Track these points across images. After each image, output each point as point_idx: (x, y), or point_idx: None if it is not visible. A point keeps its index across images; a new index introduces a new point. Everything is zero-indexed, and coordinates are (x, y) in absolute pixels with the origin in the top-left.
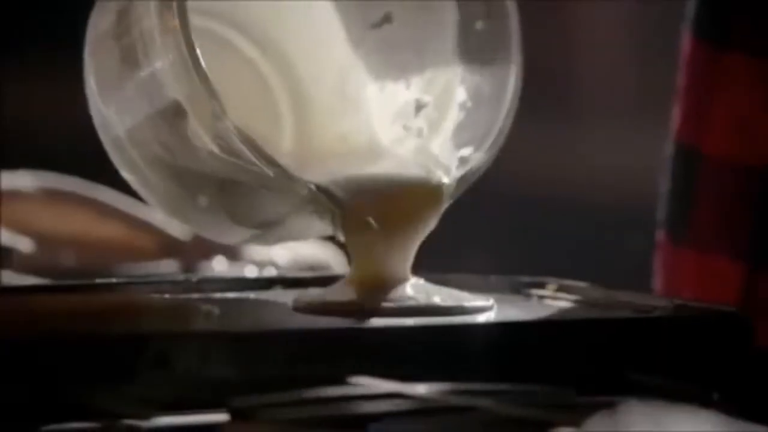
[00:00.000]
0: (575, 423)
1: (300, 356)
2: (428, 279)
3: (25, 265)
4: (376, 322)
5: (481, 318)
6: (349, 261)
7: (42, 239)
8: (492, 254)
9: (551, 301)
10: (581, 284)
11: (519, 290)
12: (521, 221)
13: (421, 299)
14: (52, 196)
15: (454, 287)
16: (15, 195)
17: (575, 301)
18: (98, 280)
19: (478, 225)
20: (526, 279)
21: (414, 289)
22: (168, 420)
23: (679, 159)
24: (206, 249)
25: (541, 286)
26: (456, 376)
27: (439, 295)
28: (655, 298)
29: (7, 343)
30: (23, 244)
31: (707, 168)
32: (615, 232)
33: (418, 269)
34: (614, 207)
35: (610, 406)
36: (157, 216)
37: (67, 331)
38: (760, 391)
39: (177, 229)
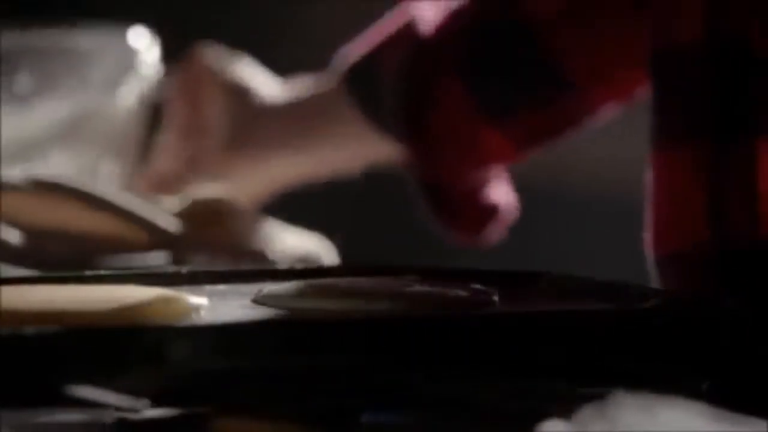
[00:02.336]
0: (566, 414)
1: (288, 348)
2: (418, 272)
3: (13, 256)
4: (368, 314)
5: (478, 310)
6: None
7: (30, 231)
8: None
9: (542, 293)
10: (573, 276)
11: (512, 282)
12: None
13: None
14: (41, 187)
15: (443, 279)
16: (3, 187)
17: (567, 293)
18: (87, 272)
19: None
20: (521, 270)
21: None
22: (156, 412)
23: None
24: (197, 241)
25: (534, 277)
26: (449, 368)
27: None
28: (645, 288)
29: (7, 336)
30: (11, 236)
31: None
32: (604, 224)
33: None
34: (605, 198)
35: (600, 397)
36: (147, 208)
37: (57, 323)
38: (751, 381)
39: (167, 221)
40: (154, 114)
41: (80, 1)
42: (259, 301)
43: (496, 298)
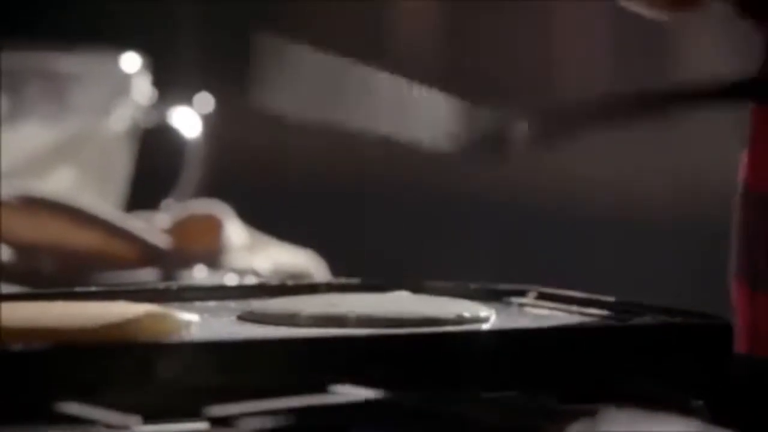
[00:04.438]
0: (556, 431)
1: (279, 365)
2: (407, 287)
3: (3, 273)
4: (360, 331)
5: (465, 327)
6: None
7: (20, 247)
8: (482, 263)
9: (532, 309)
10: (562, 292)
11: (499, 298)
12: (514, 231)
13: (405, 309)
14: (30, 203)
15: (433, 295)
16: None
17: (556, 309)
18: (77, 289)
19: (475, 235)
20: (506, 286)
21: (397, 299)
22: (147, 428)
23: (750, 205)
24: (186, 257)
25: (522, 293)
26: (439, 384)
27: (424, 305)
28: (638, 305)
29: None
30: (2, 253)
31: None
32: (611, 242)
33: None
34: (612, 217)
35: (591, 414)
36: (137, 224)
37: (45, 340)
38: (742, 399)
39: (157, 237)
40: (144, 139)
41: (73, 25)
42: (247, 317)
43: (488, 314)
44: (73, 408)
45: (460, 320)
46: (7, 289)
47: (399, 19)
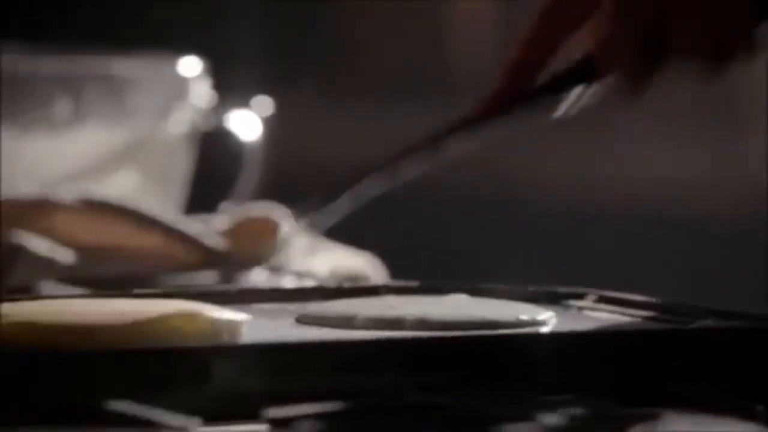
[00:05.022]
0: None
1: (336, 367)
2: (465, 290)
3: (66, 275)
4: (417, 334)
5: (524, 330)
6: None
7: (83, 250)
8: (532, 265)
9: (591, 312)
10: (621, 295)
11: (558, 301)
12: (558, 232)
13: (460, 312)
14: (92, 207)
15: (491, 298)
16: (56, 206)
17: (616, 312)
18: (137, 291)
19: (514, 236)
20: (565, 290)
21: (453, 302)
22: (206, 430)
23: None
24: (245, 260)
25: (581, 297)
26: (496, 388)
27: (482, 308)
28: (699, 308)
29: (50, 353)
30: (64, 255)
31: None
32: (656, 243)
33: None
34: (655, 217)
35: (652, 418)
36: (196, 227)
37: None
38: None
39: (215, 240)
40: (203, 142)
41: (133, 30)
42: (305, 320)
43: (546, 317)
44: (133, 409)
45: (518, 323)
46: (70, 291)
47: (457, 17)
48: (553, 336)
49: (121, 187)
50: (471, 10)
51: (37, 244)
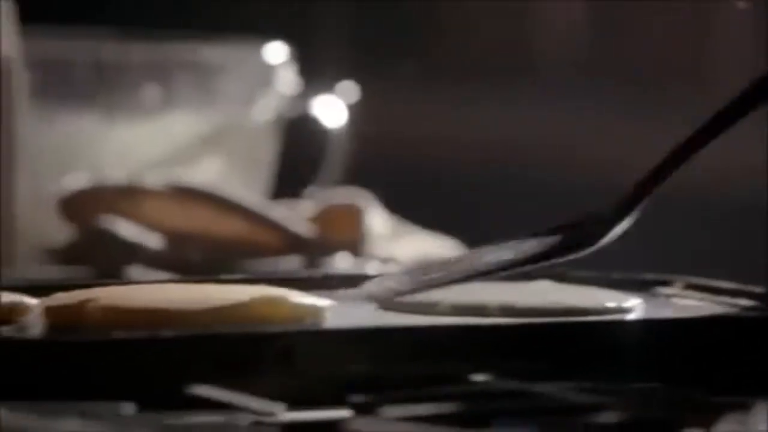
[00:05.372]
0: (706, 424)
1: (420, 353)
2: (550, 276)
3: (153, 260)
4: (501, 321)
5: (612, 316)
6: None
7: (170, 235)
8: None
9: (679, 300)
10: (710, 282)
11: (645, 288)
12: (657, 220)
13: (549, 298)
14: (179, 193)
15: (577, 284)
16: (144, 193)
17: (705, 300)
18: (223, 276)
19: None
20: (652, 276)
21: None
22: (290, 415)
23: None
24: (329, 246)
25: (668, 284)
26: (581, 375)
27: (567, 294)
28: None
29: (133, 337)
30: (152, 241)
31: None
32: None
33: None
34: (744, 205)
35: (743, 407)
36: (281, 213)
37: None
38: None
39: (300, 226)
40: (288, 128)
41: (219, 16)
42: (389, 306)
43: (632, 304)
44: (217, 394)
45: (605, 310)
46: (157, 276)
47: (545, 12)
48: (641, 323)
49: (208, 173)
50: None
51: (126, 230)
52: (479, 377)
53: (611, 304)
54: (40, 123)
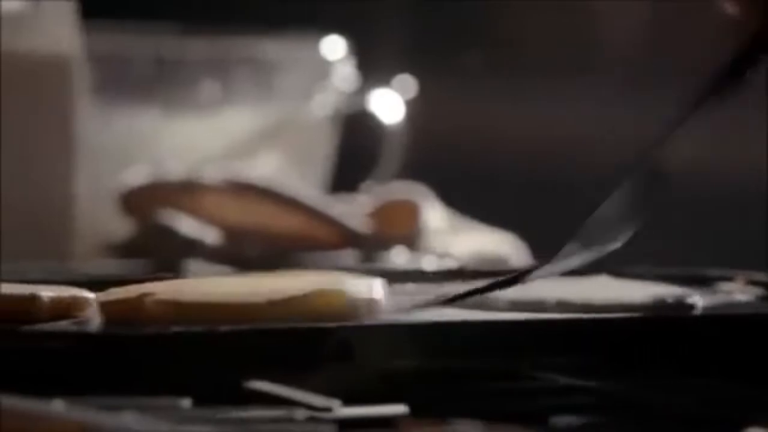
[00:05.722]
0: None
1: (477, 349)
2: (608, 271)
3: (211, 255)
4: (559, 316)
5: (669, 313)
6: None
7: (228, 230)
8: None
9: (739, 295)
10: None
11: (704, 283)
12: (714, 214)
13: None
14: (237, 188)
15: (635, 279)
16: (203, 188)
17: (766, 295)
18: (279, 271)
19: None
20: (712, 271)
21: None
22: (346, 411)
23: None
24: (386, 241)
25: (729, 279)
26: (639, 371)
27: (626, 289)
28: None
29: (191, 331)
30: (210, 236)
31: None
32: None
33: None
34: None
35: None
36: (338, 208)
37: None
38: None
39: (357, 221)
40: (346, 122)
41: (276, 11)
42: (446, 301)
43: (694, 300)
44: (273, 388)
45: (663, 306)
46: (216, 271)
47: (606, 7)
48: (702, 319)
49: (266, 168)
50: None
51: (185, 225)
52: (538, 373)
53: (672, 300)
54: (100, 119)
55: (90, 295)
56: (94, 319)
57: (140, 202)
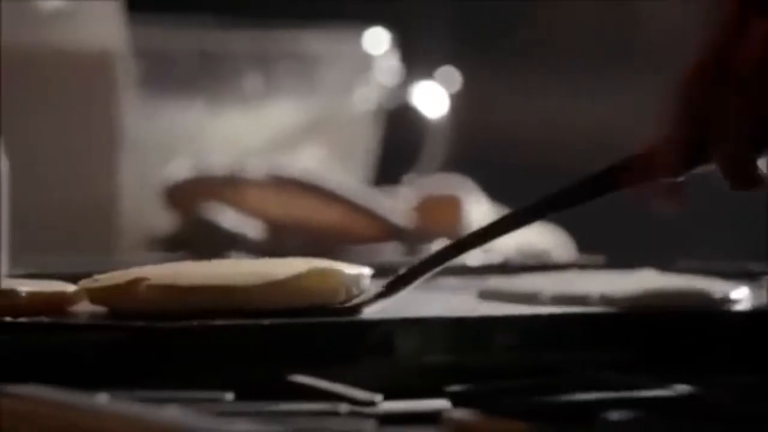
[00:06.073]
0: None
1: (520, 344)
2: (654, 266)
3: (254, 248)
4: (603, 310)
5: (715, 307)
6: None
7: (270, 224)
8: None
9: None
10: None
11: (752, 278)
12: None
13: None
14: (280, 183)
15: (681, 273)
16: (246, 182)
17: None
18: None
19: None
20: (759, 267)
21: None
22: (388, 405)
23: None
24: (428, 234)
25: None
26: (683, 366)
27: (671, 284)
28: None
29: (238, 327)
30: (253, 229)
31: None
32: None
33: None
34: None
35: None
36: (381, 202)
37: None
38: None
39: (399, 215)
40: (389, 115)
41: (319, 4)
42: (488, 295)
43: (738, 294)
44: (316, 383)
45: (709, 301)
46: None
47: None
48: (748, 314)
49: (309, 161)
50: None
51: (228, 219)
52: (583, 368)
53: (716, 295)
54: (145, 113)
55: (71, 287)
56: (84, 309)
57: (184, 196)
